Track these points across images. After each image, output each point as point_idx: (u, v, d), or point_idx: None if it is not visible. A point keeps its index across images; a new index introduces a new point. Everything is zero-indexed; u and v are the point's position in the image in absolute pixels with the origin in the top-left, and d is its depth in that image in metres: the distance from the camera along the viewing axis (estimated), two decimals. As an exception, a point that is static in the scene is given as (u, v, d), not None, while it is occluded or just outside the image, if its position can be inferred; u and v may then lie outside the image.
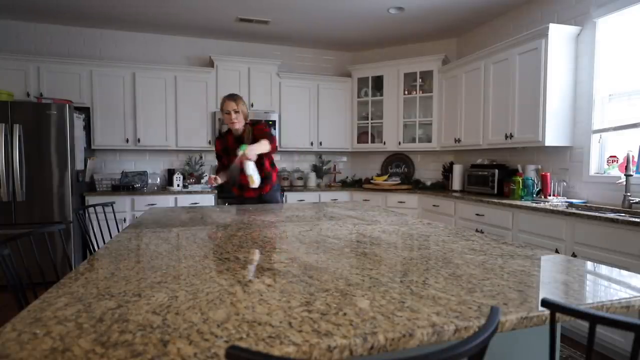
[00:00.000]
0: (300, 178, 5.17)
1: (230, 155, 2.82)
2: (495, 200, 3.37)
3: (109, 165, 4.71)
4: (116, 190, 4.26)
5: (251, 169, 2.62)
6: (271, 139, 2.70)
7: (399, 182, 4.94)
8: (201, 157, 4.95)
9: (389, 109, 4.97)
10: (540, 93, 3.25)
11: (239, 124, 2.77)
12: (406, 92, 4.90)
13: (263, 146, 2.63)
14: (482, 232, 3.44)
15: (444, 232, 1.81)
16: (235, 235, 1.74)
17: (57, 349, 0.68)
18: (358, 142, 5.21)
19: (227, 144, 2.89)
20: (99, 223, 2.71)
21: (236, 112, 2.73)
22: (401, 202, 4.59)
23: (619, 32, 3.02)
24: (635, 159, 2.82)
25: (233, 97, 2.75)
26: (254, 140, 2.72)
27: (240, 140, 2.80)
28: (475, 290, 0.99)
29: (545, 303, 0.79)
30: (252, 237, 1.69)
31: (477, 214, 3.60)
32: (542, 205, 3.04)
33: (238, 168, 2.65)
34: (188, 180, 4.66)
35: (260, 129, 2.78)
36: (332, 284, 1.04)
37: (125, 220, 4.12)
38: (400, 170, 5.32)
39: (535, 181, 3.50)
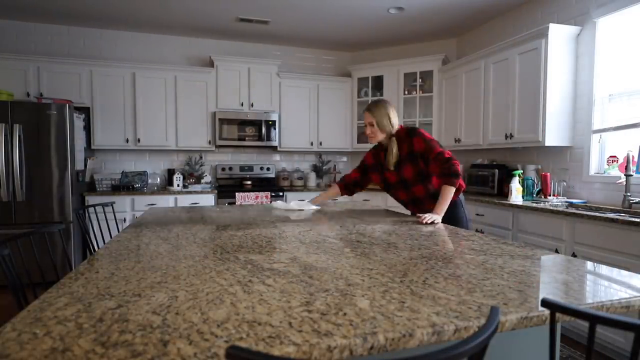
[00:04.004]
0: (300, 178, 5.17)
1: (379, 172, 2.39)
2: (495, 200, 3.37)
3: (109, 165, 4.71)
4: (116, 190, 4.26)
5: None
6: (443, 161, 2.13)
7: (399, 182, 4.93)
8: (201, 157, 4.95)
9: (389, 109, 4.96)
10: (540, 93, 3.25)
11: (375, 139, 2.31)
12: (406, 92, 4.90)
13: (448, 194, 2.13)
14: (482, 232, 3.44)
15: (444, 232, 1.81)
16: (235, 235, 1.74)
17: (57, 349, 0.68)
18: (358, 142, 5.20)
19: (378, 159, 2.41)
20: (99, 223, 2.71)
21: (371, 124, 2.27)
22: (401, 202, 4.59)
23: (619, 32, 3.02)
24: (635, 159, 2.82)
25: (368, 108, 2.29)
26: (399, 162, 2.26)
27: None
28: (475, 290, 0.99)
29: (545, 303, 0.79)
30: (252, 237, 1.69)
31: (477, 214, 3.60)
32: (542, 205, 3.04)
33: None
34: (188, 180, 4.66)
35: (408, 144, 2.23)
36: (332, 284, 1.04)
37: (125, 220, 4.12)
38: (400, 170, 5.31)
39: (535, 181, 3.50)
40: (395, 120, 2.27)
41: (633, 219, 2.27)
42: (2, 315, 3.07)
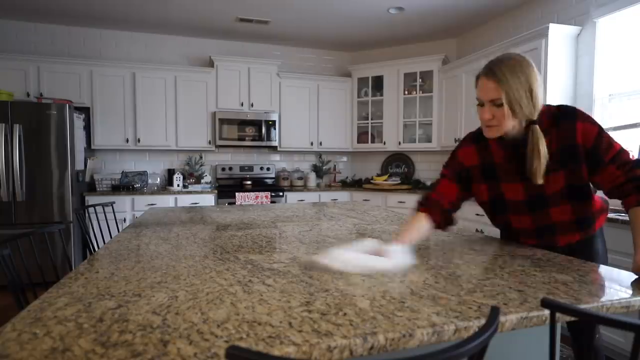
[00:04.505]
0: (300, 178, 5.17)
1: (489, 181, 1.42)
2: (495, 200, 3.37)
3: (109, 165, 4.70)
4: (116, 190, 4.26)
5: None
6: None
7: (399, 182, 4.94)
8: (201, 157, 4.95)
9: (389, 109, 4.97)
10: (540, 93, 3.25)
11: (499, 129, 1.28)
12: (406, 92, 4.90)
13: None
14: (482, 232, 3.44)
15: (444, 232, 1.81)
16: (235, 235, 1.74)
17: (57, 349, 0.68)
18: (358, 142, 5.21)
19: (489, 158, 1.41)
20: (99, 223, 2.71)
21: (496, 105, 1.24)
22: (401, 202, 4.59)
23: (619, 32, 3.02)
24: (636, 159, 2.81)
25: (490, 71, 1.25)
26: (560, 161, 1.29)
27: (517, 152, 1.34)
28: (475, 290, 0.99)
29: (545, 303, 0.79)
30: (252, 237, 1.69)
31: (477, 214, 3.60)
32: (542, 205, 3.04)
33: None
34: (188, 180, 4.67)
35: (564, 133, 1.28)
36: (332, 284, 1.04)
37: (125, 220, 4.12)
38: (400, 170, 5.32)
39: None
40: (541, 95, 1.25)
41: (633, 219, 2.27)
42: (2, 315, 3.07)
